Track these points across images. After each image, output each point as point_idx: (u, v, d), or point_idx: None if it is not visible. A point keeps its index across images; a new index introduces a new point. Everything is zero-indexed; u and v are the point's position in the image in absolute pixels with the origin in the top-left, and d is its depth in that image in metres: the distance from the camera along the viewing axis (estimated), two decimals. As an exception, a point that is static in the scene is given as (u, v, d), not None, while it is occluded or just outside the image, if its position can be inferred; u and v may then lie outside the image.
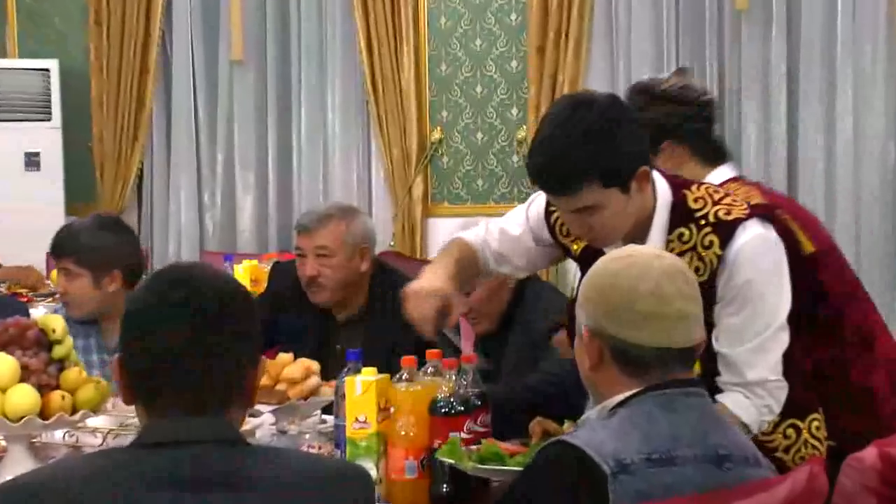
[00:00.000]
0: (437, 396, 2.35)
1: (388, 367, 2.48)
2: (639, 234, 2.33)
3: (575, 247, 2.51)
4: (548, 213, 2.54)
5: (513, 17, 6.18)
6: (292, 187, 6.72)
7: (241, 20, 6.68)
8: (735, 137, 5.66)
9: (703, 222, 2.30)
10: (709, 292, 2.21)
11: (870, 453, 2.02)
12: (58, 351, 2.46)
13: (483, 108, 6.28)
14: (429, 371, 2.45)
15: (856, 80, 5.40)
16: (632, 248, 2.06)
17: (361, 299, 3.41)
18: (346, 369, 2.52)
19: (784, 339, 2.31)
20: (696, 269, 2.25)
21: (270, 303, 3.47)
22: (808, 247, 2.72)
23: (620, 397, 1.92)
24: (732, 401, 2.28)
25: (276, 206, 6.73)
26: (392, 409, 2.40)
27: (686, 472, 1.82)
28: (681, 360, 1.94)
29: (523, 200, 6.99)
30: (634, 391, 1.91)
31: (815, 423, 2.44)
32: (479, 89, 6.28)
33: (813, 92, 5.54)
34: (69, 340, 2.50)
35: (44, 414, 2.39)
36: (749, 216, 2.31)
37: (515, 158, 6.19)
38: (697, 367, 2.10)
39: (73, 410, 2.43)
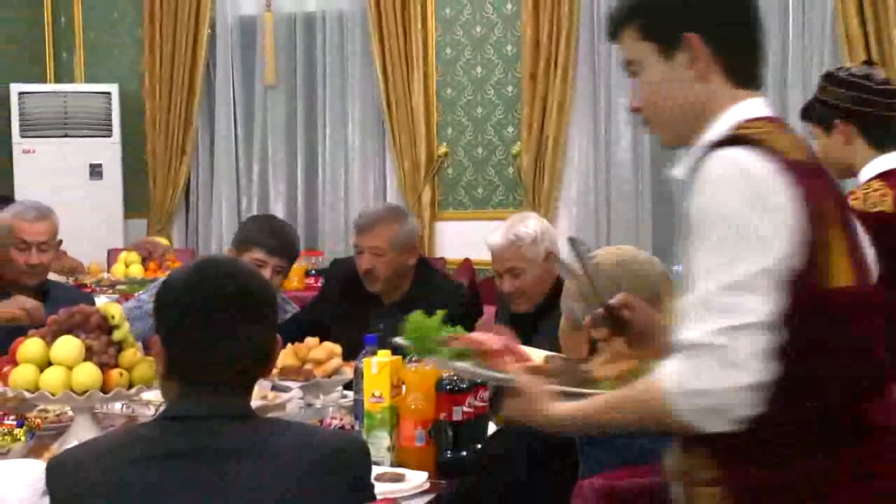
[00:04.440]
0: (443, 375, 2.35)
1: None
2: (689, 137, 1.65)
3: None
4: None
5: (508, 48, 6.18)
6: (317, 195, 6.72)
7: (274, 50, 6.69)
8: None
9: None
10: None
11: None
12: (117, 334, 2.47)
13: (483, 126, 6.27)
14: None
15: (804, 93, 5.40)
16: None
17: (406, 287, 3.40)
18: (363, 351, 2.52)
19: (748, 306, 1.42)
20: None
21: (337, 293, 3.47)
22: None
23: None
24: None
25: (303, 211, 6.74)
26: (403, 386, 2.41)
27: (644, 444, 1.76)
28: None
29: (518, 207, 7.02)
30: None
31: None
32: (479, 110, 6.28)
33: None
34: (126, 325, 2.51)
35: (104, 388, 2.40)
36: (740, 141, 1.53)
37: (511, 170, 6.19)
38: None
39: (130, 386, 2.44)
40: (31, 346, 2.41)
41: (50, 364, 2.39)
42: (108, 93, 6.74)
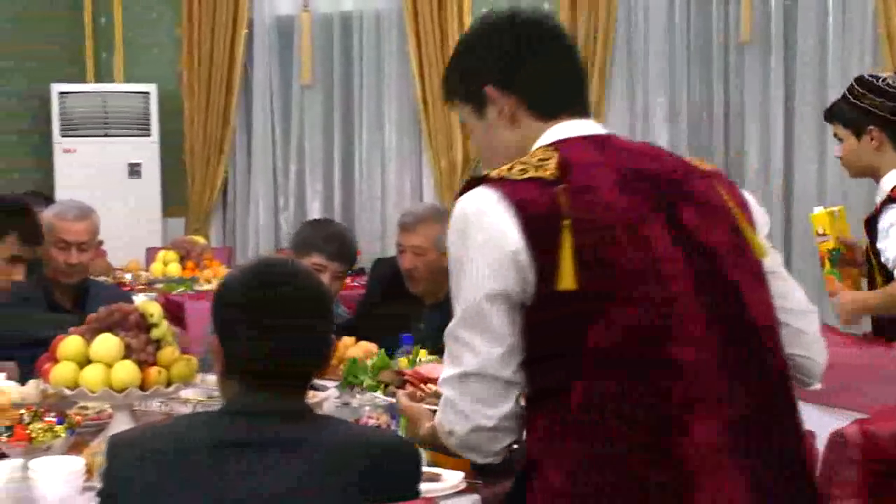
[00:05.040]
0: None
1: None
2: None
3: None
4: None
5: (545, 47, 6.15)
6: (354, 193, 6.74)
7: (311, 50, 6.71)
8: (737, 155, 5.61)
9: None
10: None
11: (852, 429, 1.96)
12: (155, 332, 2.47)
13: (519, 126, 6.25)
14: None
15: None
16: None
17: (447, 288, 3.37)
18: (400, 350, 2.52)
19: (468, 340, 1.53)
20: None
21: (379, 292, 3.47)
22: None
23: None
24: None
25: (340, 210, 6.76)
26: (439, 386, 2.40)
27: None
28: None
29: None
30: None
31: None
32: (515, 110, 6.26)
33: (807, 113, 5.47)
34: (164, 323, 2.52)
35: (143, 386, 2.41)
36: (482, 182, 1.55)
37: (547, 170, 6.16)
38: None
39: (168, 383, 2.45)
40: (70, 344, 2.43)
41: (89, 362, 2.41)
42: (147, 92, 6.80)
